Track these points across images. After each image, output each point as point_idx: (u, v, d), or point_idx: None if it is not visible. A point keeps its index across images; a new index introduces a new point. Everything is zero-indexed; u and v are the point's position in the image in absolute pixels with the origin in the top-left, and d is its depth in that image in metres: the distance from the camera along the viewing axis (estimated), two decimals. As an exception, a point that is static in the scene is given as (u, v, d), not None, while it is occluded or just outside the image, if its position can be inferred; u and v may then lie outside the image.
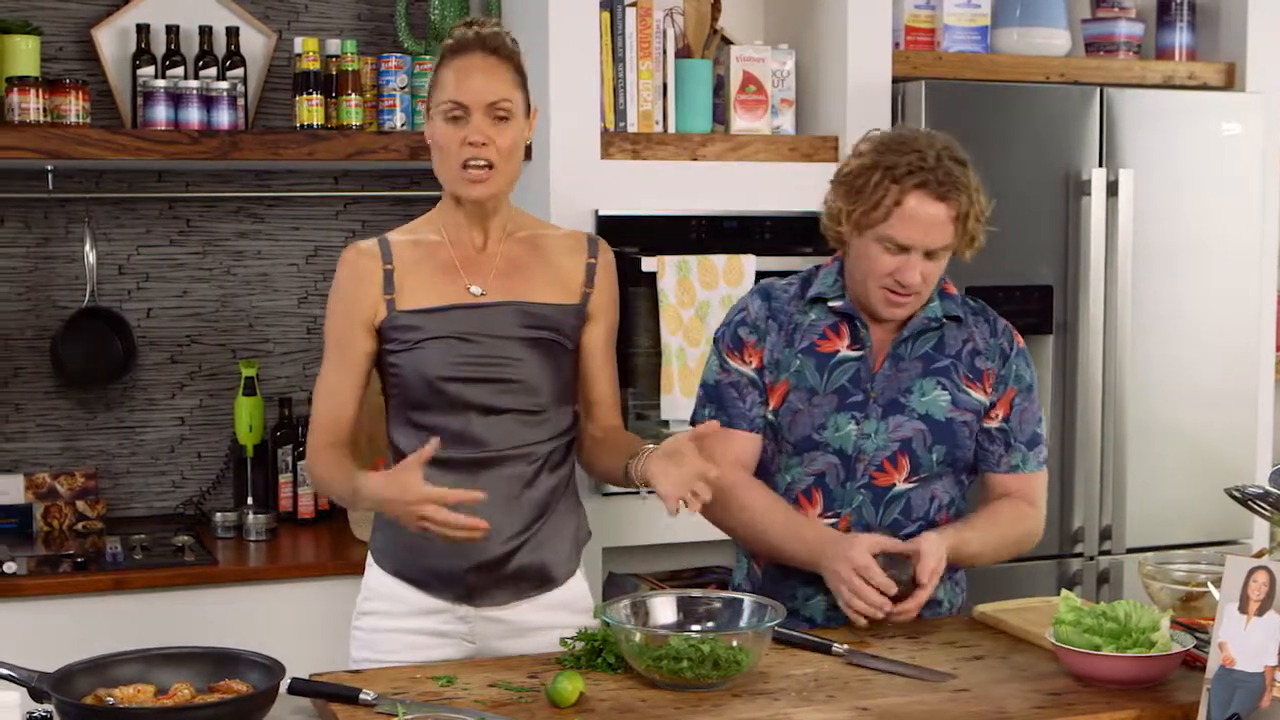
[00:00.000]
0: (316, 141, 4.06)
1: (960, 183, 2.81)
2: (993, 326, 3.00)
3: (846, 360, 2.94)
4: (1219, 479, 3.66)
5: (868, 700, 2.43)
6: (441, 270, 2.89)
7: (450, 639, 2.89)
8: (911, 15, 4.43)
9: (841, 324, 2.96)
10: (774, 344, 2.97)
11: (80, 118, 3.96)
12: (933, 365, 2.94)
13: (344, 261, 2.92)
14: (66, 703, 2.24)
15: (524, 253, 2.95)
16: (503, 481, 2.85)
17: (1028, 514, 3.00)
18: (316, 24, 4.45)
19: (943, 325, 2.96)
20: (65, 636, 3.48)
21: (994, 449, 2.97)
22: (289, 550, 4.06)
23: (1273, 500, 2.69)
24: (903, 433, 2.90)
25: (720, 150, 4.17)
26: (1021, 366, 2.99)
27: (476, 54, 2.83)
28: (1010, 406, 2.97)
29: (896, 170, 2.81)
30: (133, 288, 4.37)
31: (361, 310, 2.87)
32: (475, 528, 2.62)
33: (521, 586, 2.91)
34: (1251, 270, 4.54)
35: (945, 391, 2.93)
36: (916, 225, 2.80)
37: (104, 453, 4.36)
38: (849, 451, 2.91)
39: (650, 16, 4.15)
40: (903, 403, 2.91)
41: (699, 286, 4.02)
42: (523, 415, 2.88)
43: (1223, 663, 2.26)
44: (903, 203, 2.80)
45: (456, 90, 2.81)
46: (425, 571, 2.88)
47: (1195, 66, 4.64)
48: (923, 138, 2.87)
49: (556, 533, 2.94)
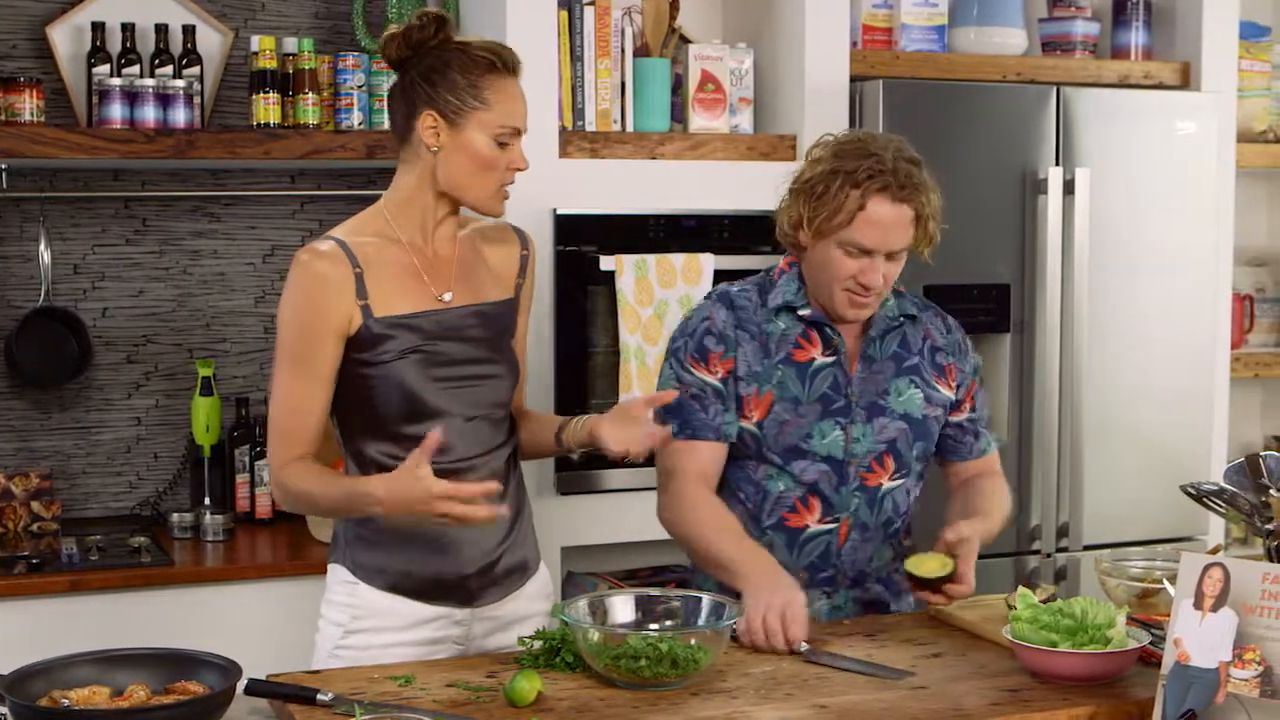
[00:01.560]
0: (273, 140, 4.04)
1: (918, 183, 2.85)
2: (946, 323, 3.07)
3: (824, 367, 2.96)
4: (1175, 476, 3.68)
5: (826, 698, 2.43)
6: (408, 275, 2.83)
7: (443, 644, 2.88)
8: (869, 14, 4.44)
9: (811, 331, 2.98)
10: (749, 354, 2.96)
11: (35, 116, 3.93)
12: (904, 364, 3.00)
13: (302, 264, 2.77)
14: (21, 705, 2.23)
15: (469, 253, 2.94)
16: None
17: (1000, 484, 3.10)
18: (273, 22, 4.44)
19: (903, 323, 3.01)
20: (20, 638, 3.46)
21: (966, 440, 3.05)
22: (246, 551, 4.05)
23: (1227, 497, 2.70)
24: (888, 434, 2.96)
25: (678, 149, 4.17)
26: (974, 360, 3.09)
27: (515, 79, 2.85)
28: (973, 399, 3.06)
29: (857, 175, 2.82)
30: (88, 287, 4.34)
31: (332, 318, 2.75)
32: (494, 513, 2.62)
33: (509, 582, 2.93)
34: (1207, 269, 4.56)
35: (918, 389, 2.98)
36: (879, 228, 2.83)
37: (59, 453, 4.33)
38: (839, 457, 2.95)
39: (608, 15, 4.15)
40: (882, 404, 2.96)
41: (657, 285, 4.03)
42: (491, 417, 2.89)
43: (1178, 659, 2.27)
44: (865, 207, 2.82)
45: (516, 116, 2.82)
46: (425, 582, 2.85)
47: (1151, 66, 4.66)
48: (878, 140, 2.90)
49: (528, 526, 3.00)
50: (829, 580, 2.99)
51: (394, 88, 2.87)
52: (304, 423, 2.78)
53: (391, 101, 2.87)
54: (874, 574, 3.01)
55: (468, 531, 2.82)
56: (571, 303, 4.03)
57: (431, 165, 2.81)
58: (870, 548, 2.99)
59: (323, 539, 4.03)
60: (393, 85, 2.88)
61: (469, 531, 2.82)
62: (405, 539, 2.84)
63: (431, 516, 2.61)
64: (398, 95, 2.85)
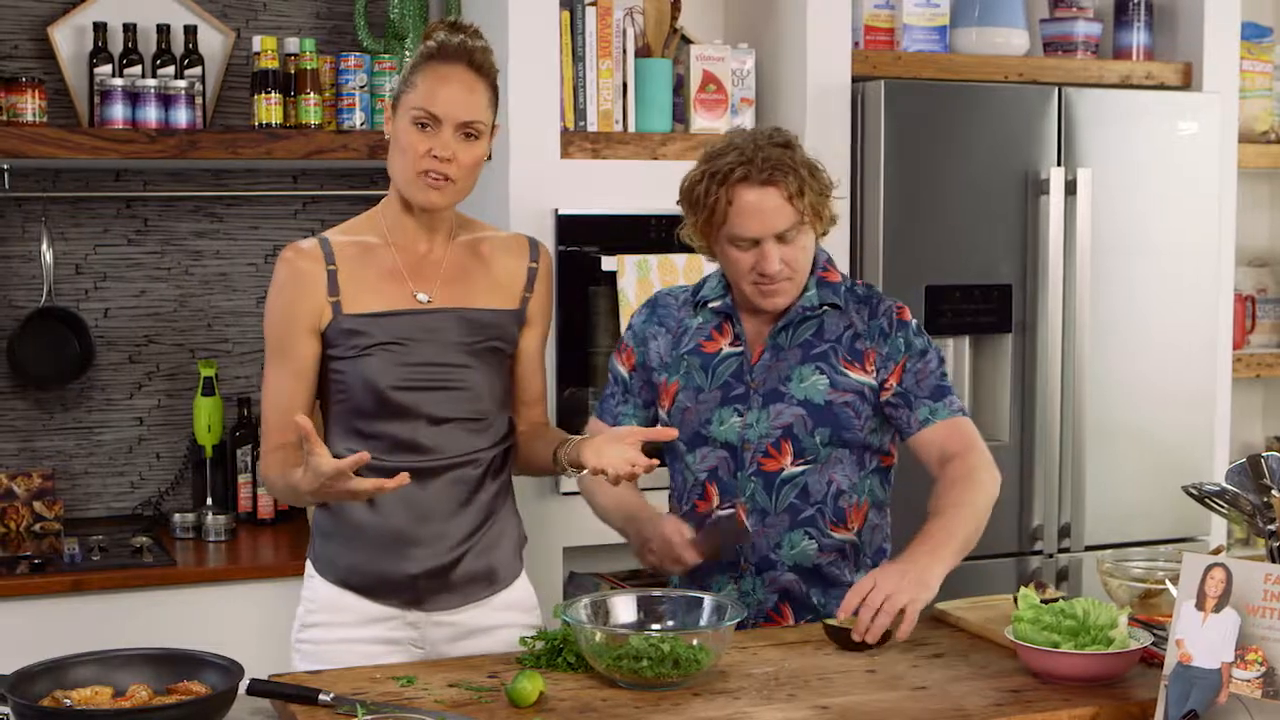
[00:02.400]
0: (275, 140, 4.04)
1: (783, 164, 2.87)
2: (873, 309, 3.02)
3: (729, 357, 3.02)
4: (1177, 477, 3.69)
5: (828, 699, 2.43)
6: (386, 274, 2.86)
7: (400, 645, 2.88)
8: (871, 15, 4.44)
9: (724, 323, 3.04)
10: (660, 348, 3.09)
11: (36, 116, 3.94)
12: (812, 351, 2.99)
13: (284, 261, 2.86)
14: (23, 705, 2.23)
15: (466, 258, 2.93)
16: (450, 487, 2.87)
17: (968, 464, 2.92)
18: (275, 22, 4.44)
19: (822, 313, 3.00)
20: (22, 638, 3.46)
21: (899, 414, 2.99)
22: (248, 551, 4.05)
23: (1229, 498, 2.70)
24: (783, 419, 2.96)
25: (680, 149, 4.17)
26: (907, 337, 2.99)
27: (460, 66, 2.80)
28: (902, 374, 2.97)
29: (720, 172, 2.89)
30: (90, 287, 4.34)
31: (304, 313, 2.82)
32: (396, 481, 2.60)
33: (470, 590, 2.91)
34: (1208, 269, 4.56)
35: (823, 375, 2.97)
36: (753, 216, 2.88)
37: (61, 453, 4.33)
38: (734, 443, 2.98)
39: (610, 15, 4.15)
40: (782, 390, 2.97)
41: (659, 286, 4.02)
42: (468, 423, 2.88)
43: (1180, 659, 2.27)
44: (734, 200, 2.88)
45: (432, 100, 2.77)
46: (372, 579, 2.87)
47: (1152, 66, 4.66)
48: (743, 134, 2.97)
49: (501, 536, 2.96)
50: (732, 565, 3.00)
51: None
52: (283, 415, 2.82)
53: None
54: (784, 562, 2.97)
55: (421, 530, 2.85)
56: (573, 303, 4.03)
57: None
58: (774, 534, 2.97)
59: (324, 539, 4.04)
60: None
61: (422, 531, 2.85)
62: (358, 534, 2.86)
63: (345, 495, 2.65)
64: None
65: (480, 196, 4.20)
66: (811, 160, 2.94)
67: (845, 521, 3.00)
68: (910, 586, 2.67)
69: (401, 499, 2.81)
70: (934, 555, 2.75)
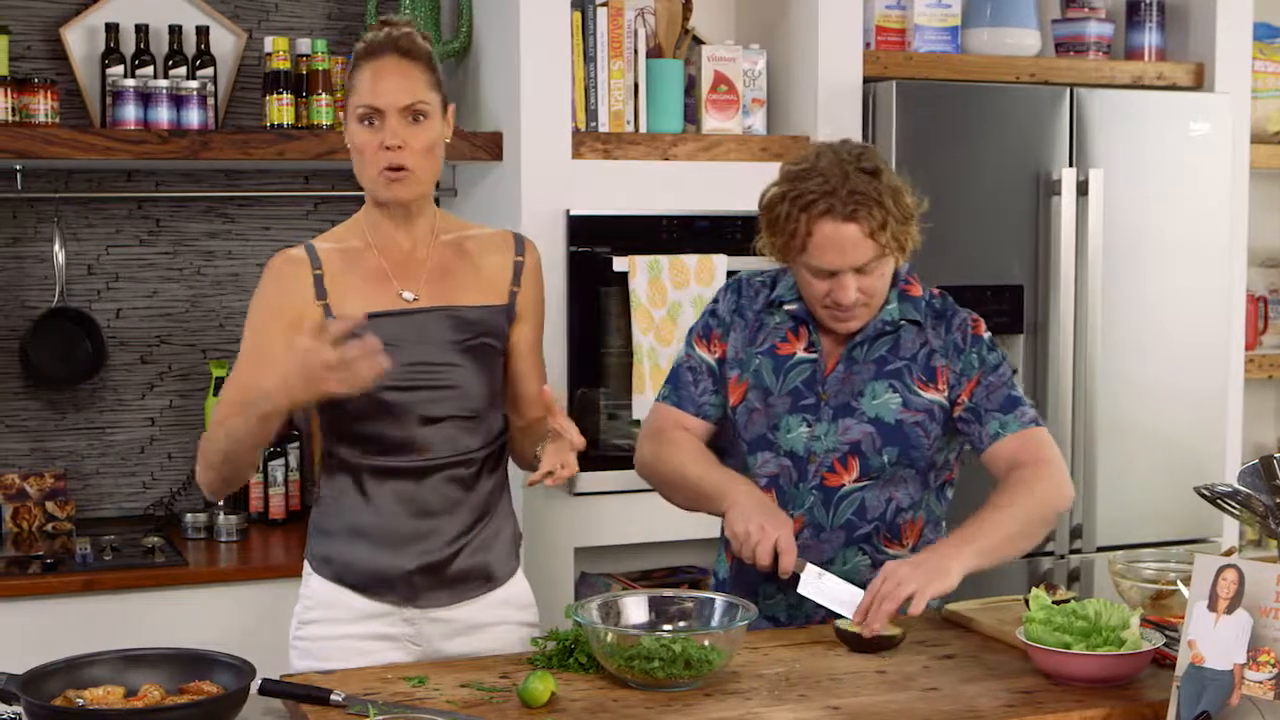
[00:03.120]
0: (287, 141, 4.05)
1: (869, 197, 2.78)
2: (948, 323, 2.96)
3: (802, 363, 2.95)
4: (1189, 477, 3.69)
5: (839, 699, 2.43)
6: (372, 276, 2.86)
7: (396, 642, 2.89)
8: (882, 15, 4.44)
9: (801, 326, 2.97)
10: (737, 340, 3.00)
11: (49, 117, 3.94)
12: (886, 368, 2.93)
13: (270, 268, 2.87)
14: (36, 704, 2.23)
15: (451, 256, 2.93)
16: (445, 485, 2.87)
17: (1034, 474, 2.84)
18: (287, 23, 4.44)
19: (899, 328, 2.95)
20: (34, 638, 3.47)
21: (971, 430, 2.92)
22: (260, 551, 4.05)
23: (1241, 499, 2.70)
24: (851, 435, 2.90)
25: (691, 150, 4.17)
26: (981, 352, 2.93)
27: (389, 56, 2.81)
28: (973, 390, 2.91)
29: (802, 200, 2.80)
30: (102, 288, 4.35)
31: (290, 317, 2.81)
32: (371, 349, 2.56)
33: (465, 587, 2.91)
34: (1221, 269, 4.56)
35: (896, 394, 2.91)
36: (833, 250, 2.80)
37: (73, 453, 4.34)
38: (800, 453, 2.92)
39: (621, 16, 4.15)
40: (854, 405, 2.91)
41: (670, 286, 4.03)
42: (460, 421, 2.88)
43: (1192, 660, 2.27)
44: (814, 232, 2.79)
45: (371, 94, 2.80)
46: (367, 576, 2.87)
47: (1164, 67, 4.65)
48: (828, 156, 2.84)
49: (496, 534, 2.96)
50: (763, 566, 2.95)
51: None
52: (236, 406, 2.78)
53: None
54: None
55: (417, 527, 2.86)
56: (584, 304, 4.03)
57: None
58: (828, 550, 2.92)
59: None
60: None
61: (418, 527, 2.86)
62: (352, 530, 2.87)
63: (320, 375, 2.56)
64: None
65: (491, 197, 4.22)
66: (897, 185, 2.84)
67: (900, 538, 2.96)
68: (921, 576, 2.65)
69: (397, 496, 2.84)
70: (956, 549, 2.72)
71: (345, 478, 2.88)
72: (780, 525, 2.78)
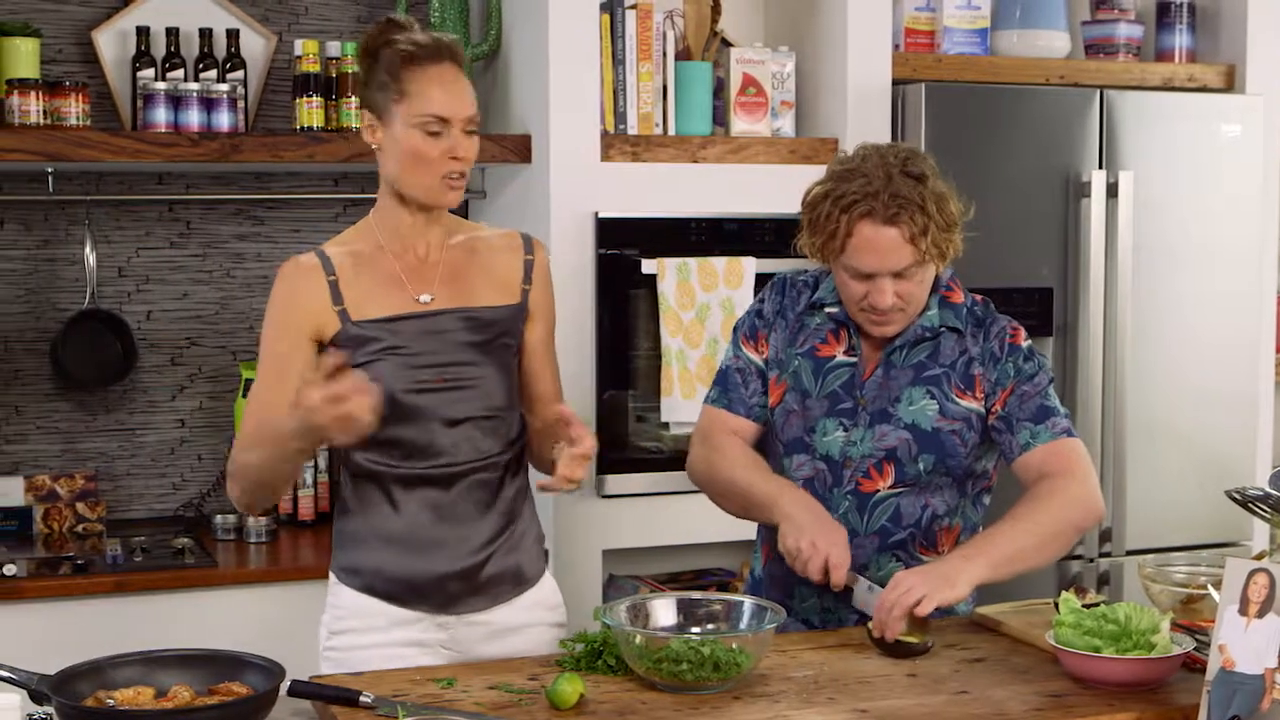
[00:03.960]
0: (316, 144, 4.06)
1: (911, 202, 2.76)
2: (987, 331, 2.94)
3: (841, 366, 2.94)
4: (1219, 481, 3.67)
5: (868, 703, 2.43)
6: (387, 280, 2.85)
7: (429, 647, 2.89)
8: (911, 17, 4.44)
9: (841, 329, 2.96)
10: (779, 341, 2.99)
11: (80, 120, 3.96)
12: (924, 374, 2.91)
13: (283, 276, 2.84)
14: (67, 705, 2.24)
15: (463, 257, 2.93)
16: (472, 491, 2.87)
17: (1058, 487, 2.81)
18: (317, 26, 4.46)
19: (939, 335, 2.93)
20: (65, 639, 3.48)
21: (1004, 439, 2.89)
22: (289, 552, 4.06)
23: (1273, 502, 2.69)
24: (888, 442, 2.88)
25: (720, 152, 4.17)
26: (1017, 362, 2.90)
27: (449, 65, 2.81)
28: (1007, 399, 2.88)
29: (844, 200, 2.77)
30: (133, 290, 4.37)
31: (306, 325, 2.80)
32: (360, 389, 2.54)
33: (498, 591, 2.91)
34: (1251, 272, 4.54)
35: (934, 400, 2.89)
36: (872, 253, 2.78)
37: (104, 455, 4.36)
38: (835, 457, 2.91)
39: (650, 19, 4.16)
40: (890, 412, 2.89)
41: (699, 289, 4.03)
42: (481, 422, 2.87)
43: (1223, 665, 2.26)
44: (854, 233, 2.77)
45: (440, 104, 2.77)
46: (400, 584, 2.86)
47: (1195, 68, 4.64)
48: (873, 158, 2.82)
49: (524, 536, 2.96)
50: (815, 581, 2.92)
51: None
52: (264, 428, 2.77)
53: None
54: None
55: (445, 534, 2.85)
56: (613, 306, 4.04)
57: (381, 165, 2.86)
58: (862, 555, 2.90)
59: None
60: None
61: (446, 534, 2.85)
62: (382, 539, 2.86)
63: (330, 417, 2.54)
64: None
65: (521, 200, 4.22)
66: (942, 190, 2.82)
67: (936, 545, 2.94)
68: (928, 583, 2.64)
69: (425, 503, 2.84)
70: (966, 560, 2.71)
71: (372, 486, 2.87)
72: (833, 540, 2.76)
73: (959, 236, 2.86)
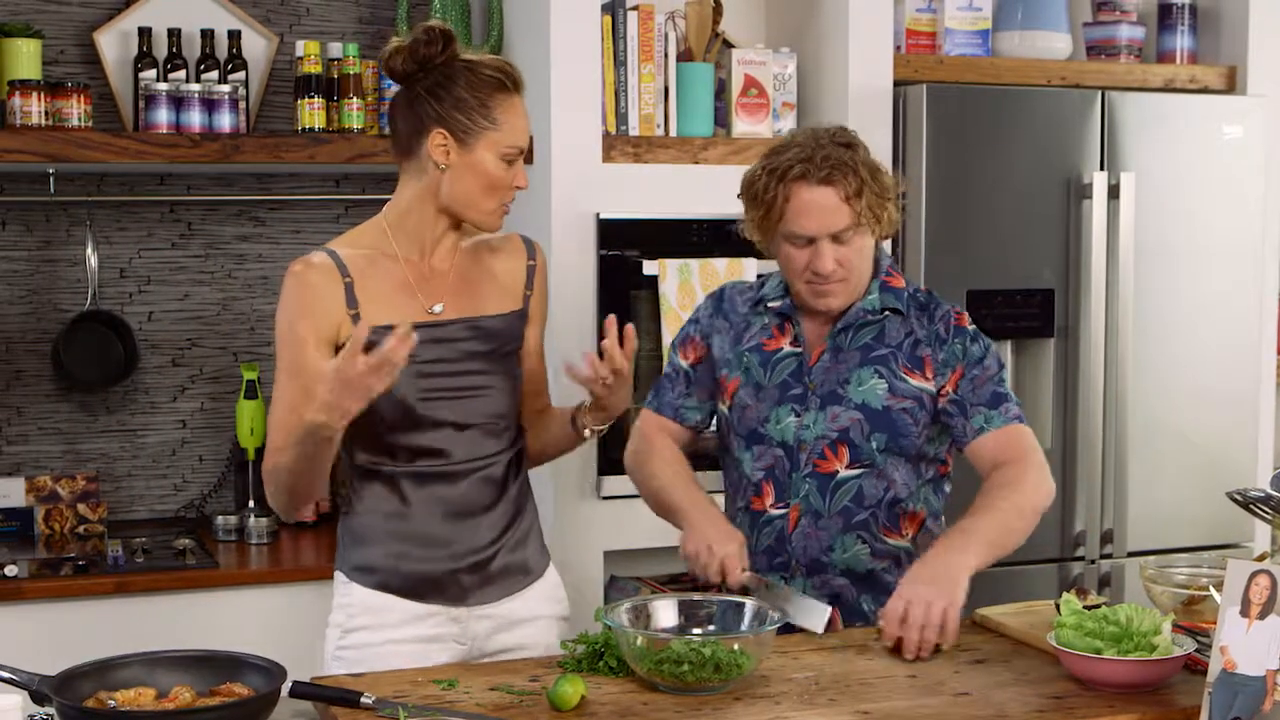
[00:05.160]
0: (318, 145, 4.06)
1: (844, 164, 2.87)
2: (931, 315, 3.01)
3: (788, 356, 3.02)
4: (1220, 482, 3.67)
5: (869, 704, 2.43)
6: (399, 287, 2.86)
7: (443, 642, 2.91)
8: (913, 19, 4.44)
9: (785, 323, 3.05)
10: (723, 343, 3.08)
11: (82, 121, 3.96)
12: (871, 355, 2.98)
13: (295, 275, 2.82)
14: (68, 706, 2.24)
15: (470, 266, 2.95)
16: (478, 487, 2.91)
17: (1020, 472, 2.90)
18: (318, 27, 4.46)
19: (884, 317, 3.00)
20: (66, 640, 3.48)
21: (955, 422, 2.96)
22: (290, 553, 4.06)
23: (1274, 504, 2.69)
24: (840, 422, 2.95)
25: (722, 153, 4.17)
26: (964, 343, 2.98)
27: (519, 96, 2.87)
28: (959, 381, 2.96)
29: (779, 169, 2.90)
30: (134, 291, 4.37)
31: (321, 327, 2.80)
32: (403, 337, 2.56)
33: (507, 583, 2.95)
34: (1253, 273, 4.54)
35: (882, 380, 2.96)
36: (809, 214, 2.88)
37: (105, 456, 4.36)
38: (790, 442, 2.98)
39: (652, 20, 4.16)
40: (840, 393, 2.97)
41: (700, 290, 4.02)
42: (489, 426, 2.92)
43: (1224, 666, 2.26)
44: (790, 197, 2.88)
45: (522, 136, 2.86)
46: (414, 579, 2.89)
47: (1196, 70, 4.64)
48: (805, 133, 2.98)
49: (530, 529, 3.02)
50: (783, 565, 3.00)
51: (397, 101, 2.88)
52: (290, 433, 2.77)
53: (394, 114, 2.89)
54: (835, 565, 2.97)
55: (453, 529, 2.88)
56: (614, 307, 4.02)
57: (436, 181, 2.84)
58: (826, 537, 2.96)
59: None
60: (396, 97, 2.89)
61: (454, 529, 2.88)
62: (394, 536, 2.88)
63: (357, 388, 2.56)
64: (403, 109, 2.86)
65: (522, 201, 4.18)
66: (874, 162, 2.93)
67: (899, 528, 3.00)
68: (939, 589, 2.67)
69: (435, 499, 2.87)
70: (960, 551, 2.75)
71: (381, 485, 2.89)
72: (727, 542, 2.88)
73: (894, 207, 2.96)
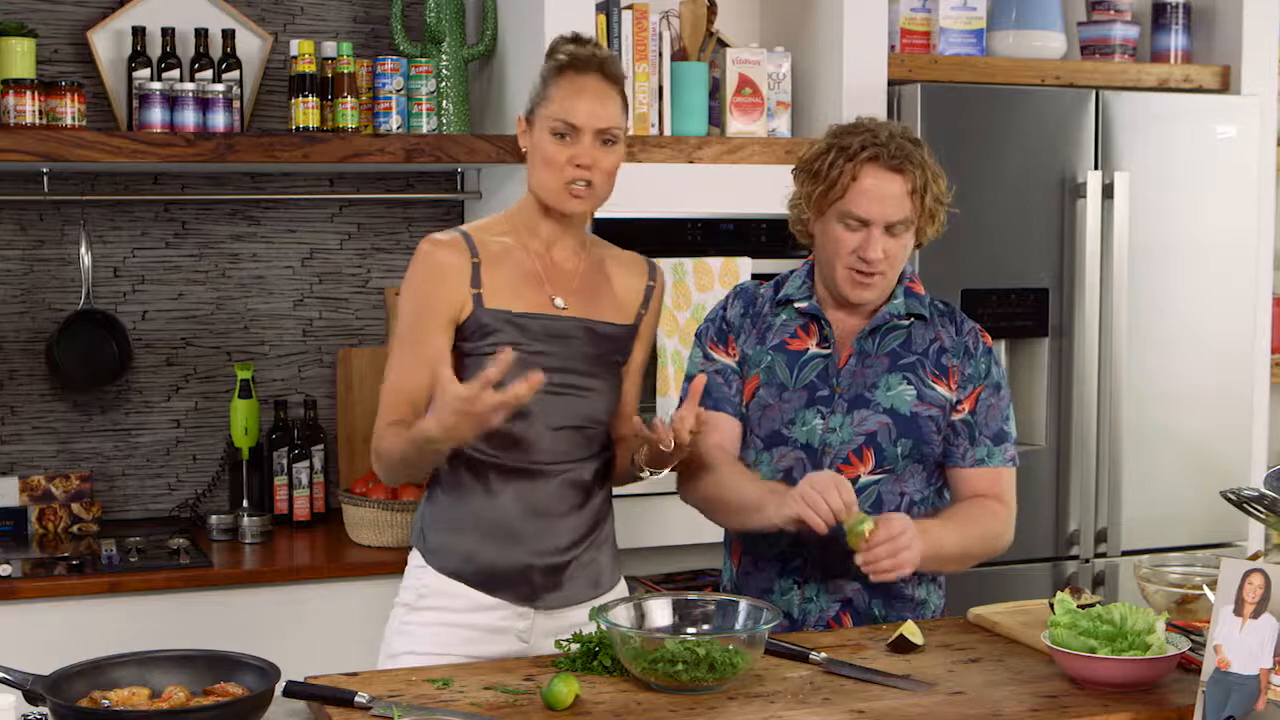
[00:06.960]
0: (312, 144, 4.05)
1: (914, 158, 2.88)
2: (959, 326, 3.03)
3: (815, 357, 2.99)
4: (1214, 481, 3.67)
5: (863, 703, 2.43)
6: (526, 276, 2.90)
7: (505, 635, 2.91)
8: (907, 18, 4.44)
9: (810, 324, 3.02)
10: (746, 343, 3.05)
11: (76, 120, 3.96)
12: (900, 361, 2.98)
13: (424, 254, 2.89)
14: (62, 705, 2.24)
15: (594, 271, 2.99)
16: (563, 489, 2.92)
17: (998, 511, 2.97)
18: (312, 26, 4.46)
19: (910, 324, 3.00)
20: (60, 639, 3.48)
21: (958, 442, 2.98)
22: (284, 553, 4.06)
23: (1268, 503, 2.69)
24: (867, 426, 2.94)
25: (716, 153, 4.17)
26: (989, 364, 3.01)
27: (593, 76, 2.87)
28: (976, 402, 2.98)
29: (850, 149, 2.89)
30: (128, 290, 4.36)
31: (445, 304, 2.85)
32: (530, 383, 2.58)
33: (577, 591, 2.96)
34: (1247, 273, 4.54)
35: (911, 386, 2.96)
36: (873, 198, 2.87)
37: (99, 455, 4.36)
38: (815, 445, 2.95)
39: (646, 19, 4.16)
40: (868, 397, 2.95)
41: (695, 289, 4.03)
42: (581, 430, 2.92)
43: (1218, 665, 2.27)
44: (859, 177, 2.88)
45: (570, 111, 2.85)
46: (488, 572, 2.90)
47: (1190, 69, 4.64)
48: (877, 122, 2.97)
49: (606, 542, 3.03)
50: (798, 570, 2.98)
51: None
52: (405, 398, 2.85)
53: None
54: (851, 572, 2.88)
55: (532, 526, 2.89)
56: (609, 306, 4.03)
57: (528, 167, 2.93)
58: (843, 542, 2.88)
59: (361, 541, 4.05)
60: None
61: (533, 526, 2.89)
62: (473, 524, 2.90)
63: (484, 420, 2.60)
64: None
65: (516, 199, 4.20)
66: (938, 167, 2.94)
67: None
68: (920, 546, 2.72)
69: (519, 494, 2.88)
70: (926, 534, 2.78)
71: (469, 473, 2.90)
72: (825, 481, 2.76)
73: (943, 216, 2.97)
